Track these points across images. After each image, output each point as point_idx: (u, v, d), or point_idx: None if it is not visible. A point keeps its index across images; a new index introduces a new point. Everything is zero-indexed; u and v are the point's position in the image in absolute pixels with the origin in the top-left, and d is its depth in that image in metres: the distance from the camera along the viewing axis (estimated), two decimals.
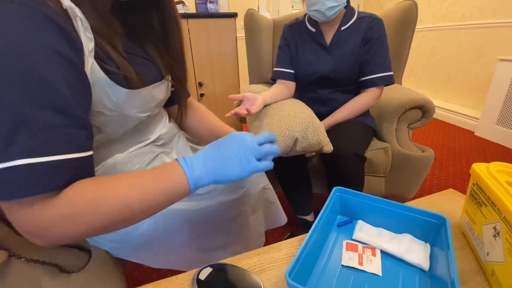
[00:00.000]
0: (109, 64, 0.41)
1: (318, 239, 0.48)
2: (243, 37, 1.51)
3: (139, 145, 0.56)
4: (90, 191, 0.34)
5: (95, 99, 0.40)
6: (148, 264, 0.55)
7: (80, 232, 0.34)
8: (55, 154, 0.31)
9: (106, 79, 0.40)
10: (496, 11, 2.22)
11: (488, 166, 0.47)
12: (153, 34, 0.54)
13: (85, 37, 0.36)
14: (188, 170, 0.39)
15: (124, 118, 0.48)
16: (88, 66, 0.37)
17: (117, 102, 0.44)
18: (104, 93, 0.41)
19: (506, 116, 2.01)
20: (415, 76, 3.18)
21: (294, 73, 1.11)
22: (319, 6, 0.92)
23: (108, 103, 0.43)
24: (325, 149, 0.87)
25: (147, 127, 0.58)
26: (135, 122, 0.52)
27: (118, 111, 0.45)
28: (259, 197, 0.65)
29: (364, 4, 4.01)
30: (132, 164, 0.54)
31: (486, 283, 0.43)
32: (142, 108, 0.51)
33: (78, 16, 0.35)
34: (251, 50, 1.50)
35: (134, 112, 0.49)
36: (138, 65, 0.49)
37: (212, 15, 1.87)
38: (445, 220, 0.46)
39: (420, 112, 1.07)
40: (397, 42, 1.20)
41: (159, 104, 0.59)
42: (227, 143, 0.42)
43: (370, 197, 0.54)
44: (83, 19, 0.36)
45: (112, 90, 0.42)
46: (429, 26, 2.88)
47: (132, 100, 0.47)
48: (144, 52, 0.53)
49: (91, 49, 0.38)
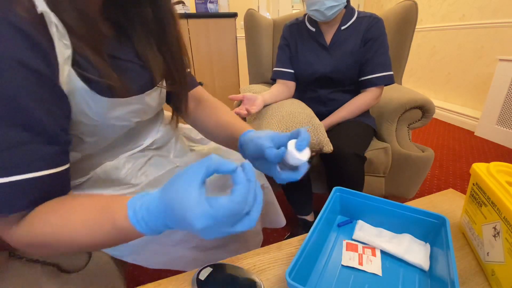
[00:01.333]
0: (90, 71, 0.38)
1: (318, 239, 0.48)
2: (243, 37, 1.51)
3: (131, 152, 0.55)
4: (46, 225, 0.33)
5: (75, 109, 0.38)
6: (146, 266, 0.55)
7: (48, 254, 0.35)
8: (19, 174, 0.30)
9: (85, 88, 0.38)
10: (496, 11, 2.22)
11: (488, 166, 0.47)
12: (146, 31, 0.50)
13: (60, 44, 0.34)
14: (137, 223, 0.31)
15: (110, 128, 0.46)
16: (64, 75, 0.35)
17: (99, 112, 0.41)
18: (84, 103, 0.39)
19: (506, 116, 2.01)
20: (415, 76, 3.18)
21: (294, 73, 1.11)
22: (319, 5, 0.92)
23: (89, 113, 0.40)
24: (325, 149, 0.87)
25: (138, 134, 0.56)
26: (124, 131, 0.50)
27: (102, 121, 0.43)
28: None
29: (364, 4, 4.01)
30: (124, 169, 0.53)
31: (486, 283, 0.43)
32: (129, 117, 0.48)
33: (52, 22, 0.32)
34: (251, 50, 1.50)
35: (120, 122, 0.46)
36: (127, 72, 0.46)
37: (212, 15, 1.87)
38: (445, 220, 0.46)
39: (420, 112, 1.07)
40: (397, 42, 1.20)
41: (151, 112, 0.55)
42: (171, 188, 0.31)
43: (370, 197, 0.54)
44: (58, 24, 0.33)
45: (92, 99, 0.39)
46: (429, 26, 2.88)
47: (117, 109, 0.44)
48: (136, 56, 0.49)
49: (67, 56, 0.35)
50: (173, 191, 0.30)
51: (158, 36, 0.50)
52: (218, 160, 0.31)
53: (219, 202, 0.28)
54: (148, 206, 0.31)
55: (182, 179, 0.30)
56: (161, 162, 0.60)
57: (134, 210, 0.31)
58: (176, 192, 0.29)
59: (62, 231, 0.33)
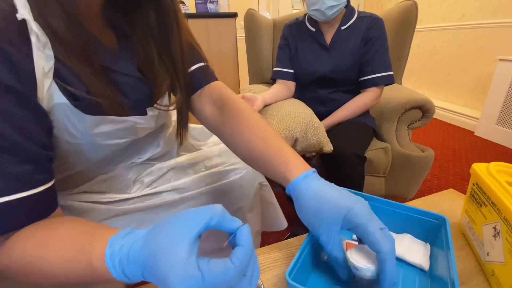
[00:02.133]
0: (76, 85, 0.34)
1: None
2: (243, 37, 1.51)
3: (127, 164, 0.53)
4: (24, 254, 0.30)
5: (57, 126, 0.35)
6: None
7: (26, 283, 0.32)
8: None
9: (67, 105, 0.34)
10: (496, 11, 2.22)
11: (488, 166, 0.47)
12: (149, 37, 0.44)
13: (41, 56, 0.31)
14: (112, 268, 0.27)
15: (96, 147, 0.42)
16: (44, 89, 0.32)
17: (83, 130, 0.37)
18: (66, 119, 0.35)
19: (506, 116, 2.01)
20: (415, 76, 3.17)
21: (294, 73, 1.11)
22: (319, 5, 0.92)
23: (72, 131, 0.36)
24: (325, 149, 0.87)
25: (136, 149, 0.53)
26: (115, 149, 0.46)
27: (86, 140, 0.39)
28: (256, 194, 0.64)
29: (364, 4, 4.01)
30: (118, 181, 0.52)
31: (486, 283, 0.43)
32: (119, 135, 0.43)
33: (33, 30, 0.30)
34: (251, 50, 1.50)
35: (107, 141, 0.42)
36: (122, 85, 0.42)
37: (212, 15, 1.87)
38: (445, 220, 0.46)
39: (420, 112, 1.07)
40: (397, 42, 1.20)
41: (147, 129, 0.50)
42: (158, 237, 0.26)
43: (370, 197, 0.54)
44: (39, 33, 0.30)
45: (76, 116, 0.36)
46: (429, 26, 2.88)
47: (103, 127, 0.39)
48: (136, 69, 0.44)
49: (49, 69, 0.32)
50: (159, 242, 0.25)
51: (160, 41, 0.45)
52: (222, 215, 0.26)
53: (214, 268, 0.23)
54: (128, 250, 0.26)
55: (173, 229, 0.25)
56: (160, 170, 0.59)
57: (112, 251, 0.26)
58: (162, 245, 0.24)
59: (38, 264, 0.29)
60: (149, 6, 0.42)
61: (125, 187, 0.54)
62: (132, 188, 0.55)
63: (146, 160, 0.56)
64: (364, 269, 0.35)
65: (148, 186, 0.56)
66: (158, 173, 0.58)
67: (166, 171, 0.59)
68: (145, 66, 0.45)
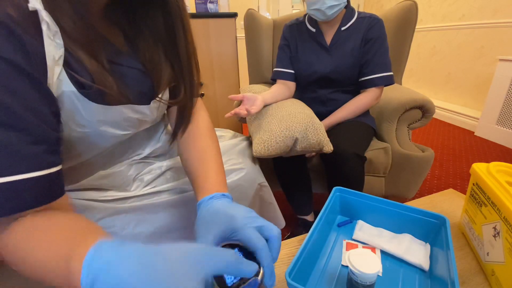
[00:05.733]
0: (83, 75, 0.36)
1: (318, 239, 0.48)
2: (243, 37, 1.51)
3: (127, 161, 0.53)
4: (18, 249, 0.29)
5: (64, 114, 0.36)
6: None
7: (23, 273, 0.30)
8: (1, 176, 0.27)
9: (75, 92, 0.36)
10: (496, 11, 2.22)
11: (488, 166, 0.47)
12: (155, 37, 0.47)
13: (51, 44, 0.32)
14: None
15: (100, 136, 0.43)
16: (54, 76, 0.33)
17: (89, 118, 0.39)
18: (73, 107, 0.36)
19: (506, 116, 2.01)
20: (415, 76, 3.18)
21: (294, 73, 1.11)
22: (319, 5, 0.92)
23: (79, 119, 0.38)
24: (325, 149, 0.87)
25: (136, 144, 0.53)
26: (117, 140, 0.47)
27: (92, 128, 0.40)
28: (255, 194, 0.64)
29: (364, 4, 4.01)
30: (118, 178, 0.52)
31: (486, 283, 0.43)
32: (123, 126, 0.45)
33: (44, 19, 0.31)
34: (251, 50, 1.50)
35: (111, 130, 0.43)
36: (126, 78, 0.43)
37: (212, 15, 1.86)
38: (445, 220, 0.46)
39: (420, 112, 1.07)
40: (397, 42, 1.20)
41: (149, 122, 0.52)
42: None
43: (370, 197, 0.54)
44: (50, 22, 0.32)
45: (82, 104, 0.37)
46: (429, 26, 2.88)
47: (109, 116, 0.41)
48: (141, 63, 0.46)
49: (59, 57, 0.33)
50: (160, 279, 0.21)
51: (167, 44, 0.47)
52: (237, 263, 0.25)
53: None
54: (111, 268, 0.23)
55: (179, 272, 0.22)
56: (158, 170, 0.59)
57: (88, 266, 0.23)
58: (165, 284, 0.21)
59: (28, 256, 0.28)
60: (156, 9, 0.44)
61: (125, 184, 0.54)
62: (131, 185, 0.55)
63: (146, 156, 0.57)
64: (361, 275, 0.36)
65: (147, 184, 0.56)
66: (157, 172, 0.58)
67: (166, 170, 0.59)
68: (149, 64, 0.47)
